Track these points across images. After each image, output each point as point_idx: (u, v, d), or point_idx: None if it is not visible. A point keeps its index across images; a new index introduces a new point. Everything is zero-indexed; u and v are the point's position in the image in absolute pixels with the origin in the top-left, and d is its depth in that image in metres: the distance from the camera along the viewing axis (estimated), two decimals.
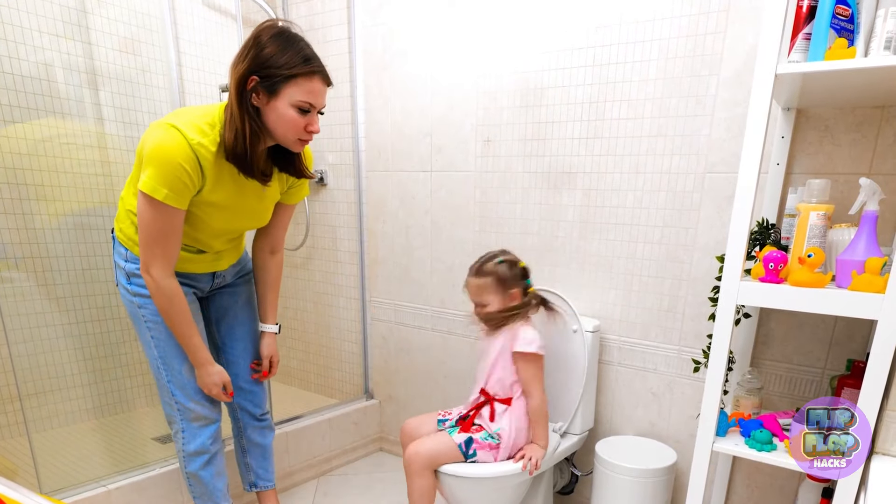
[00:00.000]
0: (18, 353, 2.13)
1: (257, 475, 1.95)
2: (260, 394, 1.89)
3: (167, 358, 1.60)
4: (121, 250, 1.56)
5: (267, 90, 1.33)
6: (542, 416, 1.74)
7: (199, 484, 1.73)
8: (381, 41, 2.34)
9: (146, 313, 1.55)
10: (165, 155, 1.31)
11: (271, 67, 1.31)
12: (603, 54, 1.84)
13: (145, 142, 1.35)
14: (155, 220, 1.37)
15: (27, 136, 2.10)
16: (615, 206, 1.92)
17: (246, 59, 1.31)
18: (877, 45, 1.11)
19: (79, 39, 2.24)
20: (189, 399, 1.63)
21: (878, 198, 1.18)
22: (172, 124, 1.32)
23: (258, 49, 1.31)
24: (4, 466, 2.07)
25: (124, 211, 1.53)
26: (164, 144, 1.30)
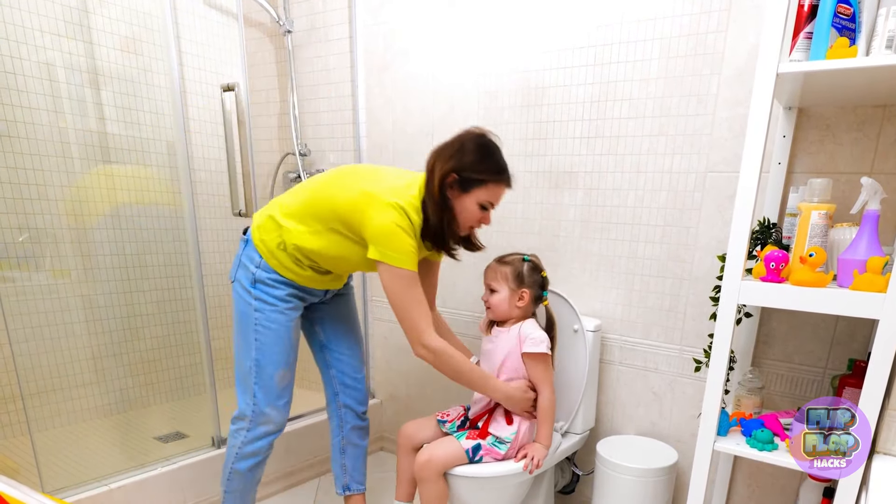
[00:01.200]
0: (20, 353, 2.13)
1: (352, 478, 2.01)
2: (364, 392, 1.97)
3: (263, 362, 1.66)
4: (254, 255, 1.63)
5: (461, 187, 1.55)
6: (549, 414, 1.74)
7: (240, 481, 1.76)
8: (382, 40, 2.34)
9: (260, 318, 1.63)
10: (395, 232, 1.49)
11: (470, 171, 1.54)
12: (604, 53, 1.84)
13: (367, 215, 1.50)
14: (405, 288, 1.53)
15: (30, 137, 2.11)
16: (616, 205, 1.92)
17: (451, 159, 1.53)
18: (878, 44, 1.11)
19: (80, 39, 2.24)
20: (269, 404, 1.69)
21: (879, 197, 1.18)
22: (399, 206, 1.49)
23: (463, 153, 1.53)
24: (7, 465, 2.08)
25: (279, 230, 1.61)
26: (393, 224, 1.48)
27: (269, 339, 1.64)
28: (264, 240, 1.63)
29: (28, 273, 2.20)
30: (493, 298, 1.76)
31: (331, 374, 1.93)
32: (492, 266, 1.79)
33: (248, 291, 1.63)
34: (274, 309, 1.64)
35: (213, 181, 2.69)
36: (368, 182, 1.55)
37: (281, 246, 1.61)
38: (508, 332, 1.75)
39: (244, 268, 1.65)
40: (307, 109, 2.64)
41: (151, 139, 2.42)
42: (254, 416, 1.69)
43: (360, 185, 1.53)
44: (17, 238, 2.15)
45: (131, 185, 2.39)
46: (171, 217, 2.43)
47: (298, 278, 1.66)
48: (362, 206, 1.51)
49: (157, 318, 2.55)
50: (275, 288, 1.64)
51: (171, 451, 2.12)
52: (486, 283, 1.80)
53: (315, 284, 1.72)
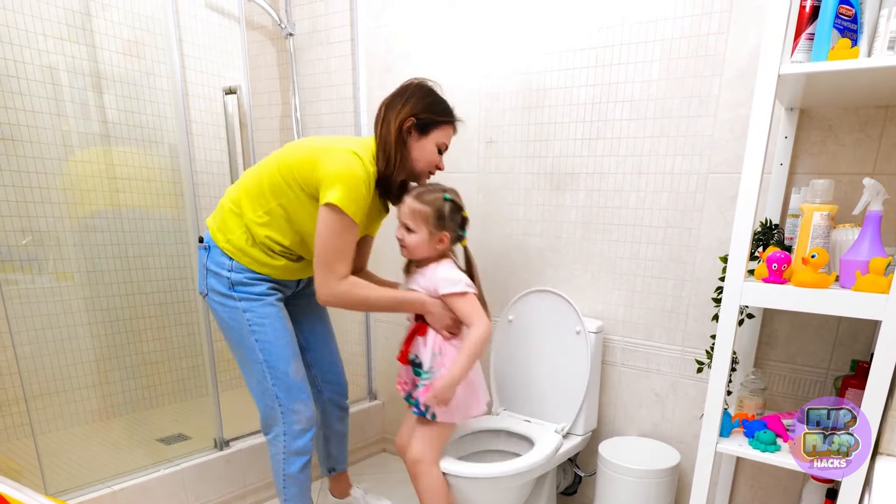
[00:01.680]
0: (24, 355, 2.13)
1: (337, 460, 2.09)
2: (344, 385, 2.03)
3: (273, 361, 1.65)
4: (223, 260, 1.62)
5: (420, 130, 1.59)
6: (473, 346, 1.61)
7: (296, 485, 1.78)
8: (383, 43, 2.35)
9: (252, 317, 1.63)
10: (355, 179, 1.49)
11: (431, 113, 1.60)
12: (606, 55, 1.84)
13: (324, 162, 1.50)
14: (339, 235, 1.52)
15: (33, 140, 2.11)
16: (618, 206, 1.92)
17: (405, 107, 1.57)
18: (880, 44, 1.11)
19: (82, 43, 2.25)
20: (294, 400, 1.69)
21: (882, 198, 1.18)
22: (355, 152, 1.51)
23: (419, 97, 1.59)
24: (10, 468, 2.08)
25: (237, 220, 1.61)
26: (354, 169, 1.49)
27: (270, 335, 1.64)
28: (230, 239, 1.61)
29: (31, 276, 2.20)
30: (410, 239, 1.64)
31: (313, 374, 1.95)
32: (408, 203, 1.63)
33: (228, 297, 1.62)
34: (261, 303, 1.63)
35: (215, 184, 2.69)
36: (319, 142, 1.59)
37: (249, 241, 1.60)
38: (425, 275, 1.68)
39: (215, 275, 1.62)
40: (309, 112, 2.65)
41: (154, 142, 2.43)
42: (284, 417, 1.69)
43: (312, 145, 1.58)
44: (21, 241, 2.15)
45: (134, 188, 2.39)
46: (173, 220, 2.43)
47: (274, 271, 1.65)
48: (316, 158, 1.52)
49: (160, 320, 2.55)
50: (254, 285, 1.63)
51: (173, 452, 2.12)
52: (402, 220, 1.66)
53: (290, 275, 1.72)
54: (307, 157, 1.54)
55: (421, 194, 1.64)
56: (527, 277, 2.15)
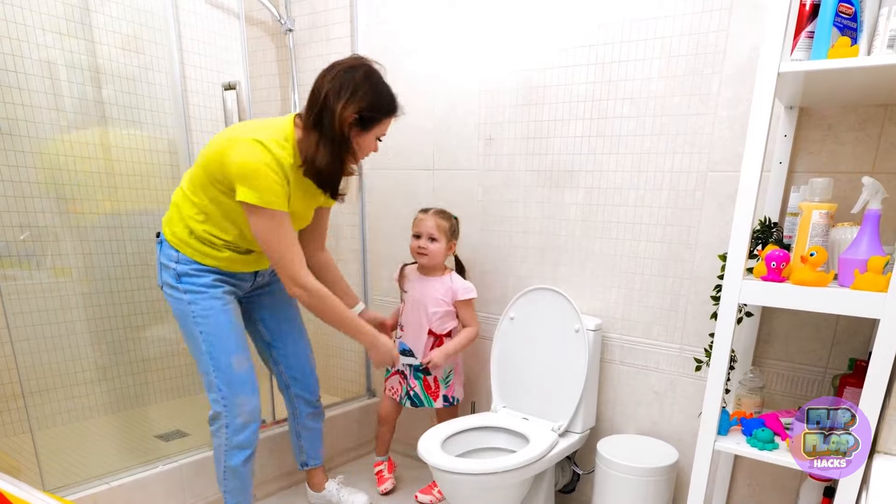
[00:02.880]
0: (22, 351, 2.13)
1: (309, 455, 2.13)
2: (313, 383, 2.04)
3: (214, 353, 1.66)
4: (170, 252, 1.63)
5: (361, 126, 1.54)
6: (464, 342, 2.11)
7: (236, 478, 1.79)
8: (383, 39, 2.34)
9: (196, 309, 1.63)
10: (257, 169, 1.44)
11: (375, 111, 1.55)
12: (605, 52, 1.84)
13: (228, 156, 1.45)
14: (272, 229, 1.50)
15: (31, 135, 2.11)
16: (617, 204, 1.91)
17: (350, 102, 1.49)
18: (880, 43, 1.11)
19: (82, 37, 2.24)
20: (236, 393, 1.70)
21: (880, 196, 1.18)
22: (256, 139, 1.45)
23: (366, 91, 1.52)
24: (8, 464, 2.08)
25: (178, 215, 1.61)
26: (253, 159, 1.43)
27: (212, 327, 1.64)
28: (174, 232, 1.62)
29: (29, 271, 2.20)
30: (434, 247, 2.03)
31: (280, 370, 1.97)
32: (432, 218, 2.03)
33: (175, 288, 1.63)
34: (206, 296, 1.63)
35: None
36: (224, 133, 1.54)
37: (190, 233, 1.60)
38: (439, 281, 2.08)
39: (165, 268, 1.65)
40: None
41: (153, 137, 2.42)
42: (226, 409, 1.70)
43: (221, 136, 1.54)
44: (19, 236, 2.15)
45: (132, 184, 2.39)
46: None
47: (220, 263, 1.65)
48: (221, 152, 1.48)
49: (158, 316, 2.55)
50: (199, 276, 1.63)
51: (171, 449, 2.13)
52: (426, 231, 2.02)
53: (240, 267, 1.71)
54: (216, 151, 1.50)
55: (440, 213, 2.06)
56: (526, 275, 2.15)
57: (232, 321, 1.68)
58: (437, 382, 2.15)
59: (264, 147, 1.45)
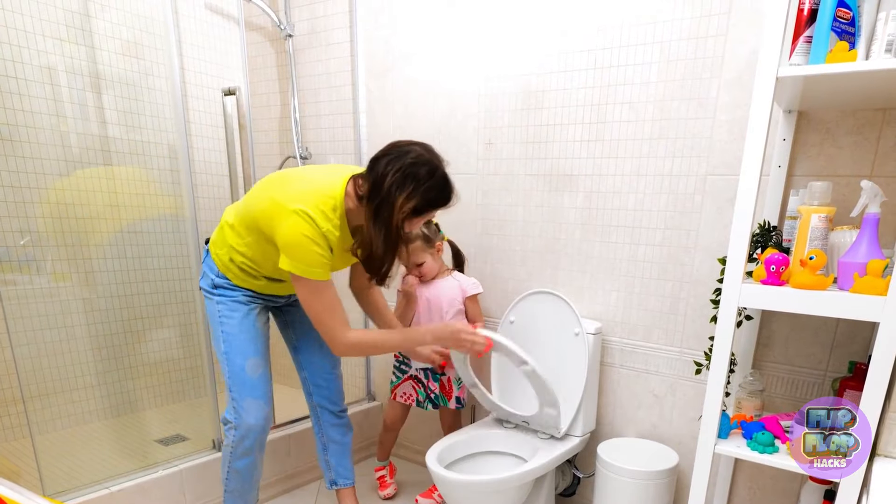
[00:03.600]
0: (21, 355, 2.12)
1: (338, 473, 2.05)
2: (336, 392, 2.00)
3: (231, 354, 1.69)
4: (213, 265, 1.70)
5: (414, 215, 1.53)
6: None
7: (239, 480, 1.79)
8: (382, 45, 2.35)
9: (223, 309, 1.69)
10: (302, 243, 1.47)
11: (431, 206, 1.54)
12: (604, 57, 1.84)
13: (274, 223, 1.49)
14: (317, 298, 1.55)
15: (31, 140, 2.11)
16: (616, 208, 1.92)
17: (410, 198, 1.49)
18: (878, 47, 1.11)
19: (82, 43, 2.25)
20: (244, 396, 1.71)
21: (879, 200, 1.18)
22: (304, 212, 1.46)
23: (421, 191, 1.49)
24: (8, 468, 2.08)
25: (223, 240, 1.67)
26: (298, 233, 1.46)
27: (234, 328, 1.68)
28: (218, 254, 1.69)
29: (29, 276, 2.20)
30: (425, 269, 2.05)
31: (304, 376, 1.97)
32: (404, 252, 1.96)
33: (210, 293, 1.70)
34: (234, 301, 1.69)
35: (214, 184, 2.69)
36: (278, 189, 1.53)
37: (231, 260, 1.66)
38: (446, 281, 2.11)
39: (206, 276, 1.72)
40: (308, 113, 2.65)
41: (153, 143, 2.43)
42: (235, 412, 1.71)
43: (270, 194, 1.53)
44: (19, 241, 2.15)
45: (132, 189, 2.39)
46: (172, 220, 2.43)
47: (256, 287, 1.71)
48: (270, 215, 1.51)
49: (158, 321, 2.55)
50: (233, 291, 1.70)
51: (171, 453, 2.12)
52: (412, 263, 2.04)
53: (273, 291, 1.76)
54: (266, 211, 1.52)
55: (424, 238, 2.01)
56: (525, 279, 2.16)
57: (254, 326, 1.72)
58: (451, 384, 2.17)
59: (310, 220, 1.47)
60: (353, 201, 1.55)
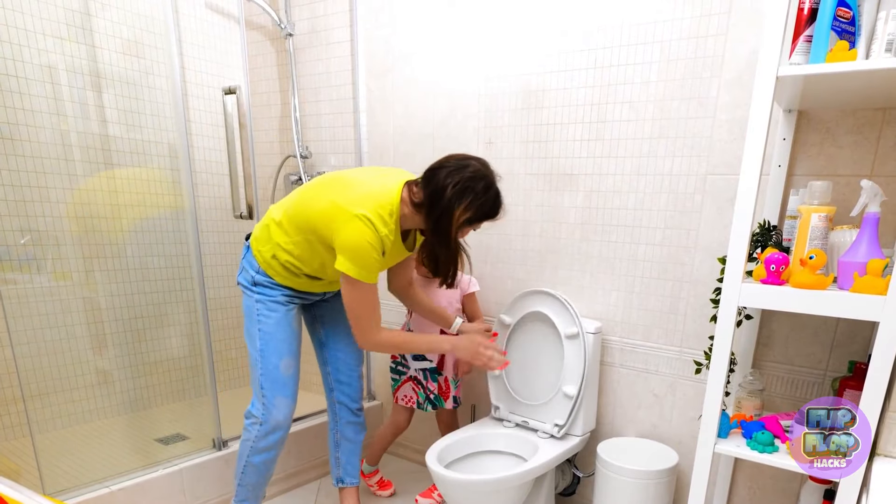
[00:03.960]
0: (22, 354, 2.13)
1: (346, 471, 2.09)
2: (357, 389, 2.04)
3: (266, 351, 1.73)
4: (253, 262, 1.73)
5: (467, 224, 1.60)
6: None
7: (255, 475, 1.83)
8: (383, 44, 2.35)
9: (262, 308, 1.73)
10: (363, 248, 1.52)
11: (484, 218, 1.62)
12: (604, 56, 1.84)
13: (335, 226, 1.54)
14: (363, 299, 1.62)
15: (32, 139, 2.11)
16: (617, 207, 1.92)
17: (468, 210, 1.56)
18: (878, 47, 1.11)
19: (82, 42, 2.25)
20: (276, 394, 1.75)
21: (879, 200, 1.18)
22: (365, 216, 1.52)
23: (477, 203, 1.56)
24: (8, 467, 2.08)
25: (268, 238, 1.70)
26: (364, 240, 1.52)
27: (271, 327, 1.72)
28: (260, 251, 1.71)
29: (30, 275, 2.20)
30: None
31: (327, 371, 2.00)
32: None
33: (250, 290, 1.73)
34: (273, 301, 1.72)
35: (214, 183, 2.70)
36: (338, 192, 1.58)
37: (274, 257, 1.69)
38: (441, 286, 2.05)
39: (245, 271, 1.75)
40: (308, 112, 2.65)
41: (153, 142, 2.43)
42: (264, 408, 1.75)
43: (330, 196, 1.57)
44: (20, 240, 2.15)
45: (133, 188, 2.39)
46: (172, 219, 2.43)
47: (295, 284, 1.74)
48: (330, 217, 1.55)
49: (159, 320, 2.55)
50: (273, 289, 1.73)
51: (172, 452, 2.12)
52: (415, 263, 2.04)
53: (312, 289, 1.79)
54: (325, 213, 1.56)
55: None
56: (525, 278, 2.16)
57: (291, 327, 1.76)
58: (448, 383, 2.17)
59: (372, 226, 1.52)
60: (407, 207, 1.60)
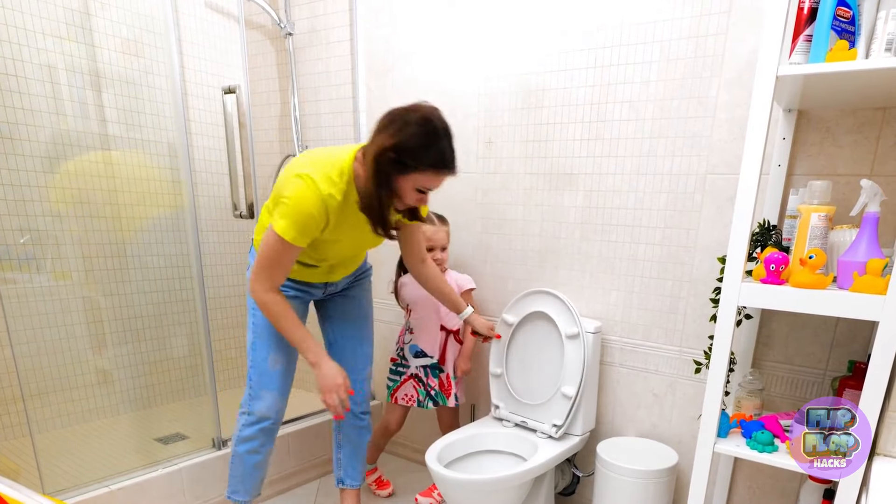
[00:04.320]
0: (21, 354, 2.13)
1: (347, 473, 2.05)
2: (363, 393, 1.99)
3: (257, 344, 1.74)
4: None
5: (397, 169, 1.46)
6: None
7: (240, 466, 1.82)
8: (382, 44, 2.35)
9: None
10: (299, 206, 1.46)
11: (409, 155, 1.44)
12: (604, 56, 1.84)
13: (284, 186, 1.50)
14: (275, 253, 1.53)
15: (31, 139, 2.11)
16: (617, 207, 1.92)
17: (391, 136, 1.43)
18: (878, 46, 1.11)
19: (82, 41, 2.25)
20: (261, 387, 1.75)
21: (879, 199, 1.18)
22: (308, 175, 1.47)
23: (404, 133, 1.43)
24: (8, 467, 2.08)
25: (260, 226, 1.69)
26: (300, 196, 1.46)
27: (262, 321, 1.70)
28: (256, 240, 1.72)
29: (29, 275, 2.20)
30: (446, 255, 2.13)
31: None
32: (441, 229, 2.11)
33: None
34: None
35: (214, 183, 2.70)
36: (295, 160, 1.58)
37: None
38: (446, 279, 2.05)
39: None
40: (308, 111, 2.65)
41: (153, 141, 2.43)
42: (250, 399, 1.76)
43: (288, 166, 1.57)
44: (19, 240, 2.15)
45: (132, 187, 2.39)
46: (172, 219, 2.43)
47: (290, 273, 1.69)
48: (282, 183, 1.52)
49: (158, 319, 2.55)
50: None
51: (171, 452, 2.12)
52: (440, 243, 2.09)
53: (306, 277, 1.76)
54: (280, 180, 1.55)
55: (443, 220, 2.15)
56: (525, 278, 2.16)
57: None
58: (450, 380, 2.18)
59: (312, 183, 1.47)
60: (360, 165, 1.53)
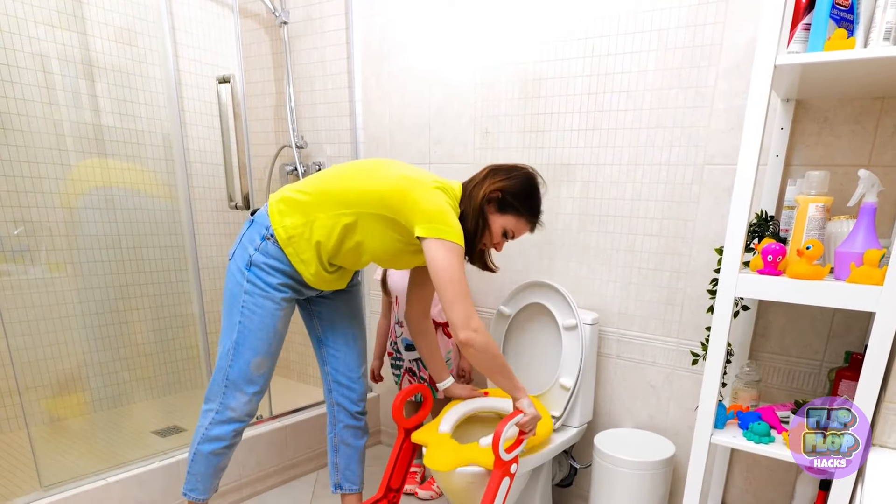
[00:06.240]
0: (17, 347, 2.12)
1: (344, 476, 1.97)
2: (359, 392, 1.93)
3: (242, 346, 1.63)
4: (256, 238, 1.61)
5: (497, 207, 1.61)
6: None
7: (203, 464, 1.73)
8: (378, 32, 2.33)
9: (248, 300, 1.62)
10: (448, 212, 1.52)
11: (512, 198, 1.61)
12: (601, 45, 1.83)
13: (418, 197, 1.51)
14: (459, 265, 1.51)
15: (24, 129, 2.09)
16: (614, 197, 1.91)
17: (500, 181, 1.60)
18: (876, 35, 1.10)
19: (74, 30, 2.22)
20: (238, 389, 1.67)
21: (876, 189, 1.18)
22: (444, 187, 1.56)
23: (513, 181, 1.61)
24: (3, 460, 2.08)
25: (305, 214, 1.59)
26: (446, 204, 1.53)
27: (253, 324, 1.62)
28: (286, 226, 1.59)
29: (23, 266, 2.19)
30: None
31: (326, 371, 1.91)
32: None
33: (241, 272, 1.61)
34: (263, 295, 1.61)
35: (208, 173, 2.68)
36: (404, 168, 1.59)
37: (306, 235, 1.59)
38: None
39: (243, 248, 1.62)
40: (303, 101, 2.63)
41: (147, 131, 2.41)
42: (223, 398, 1.67)
43: (398, 170, 1.56)
44: (13, 231, 2.14)
45: (127, 178, 2.38)
46: (166, 210, 2.42)
47: (303, 272, 1.63)
48: (405, 188, 1.52)
49: (154, 311, 2.54)
50: (269, 274, 1.60)
51: (168, 444, 2.13)
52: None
53: (316, 283, 1.68)
54: (397, 184, 1.53)
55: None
56: (522, 269, 2.15)
57: (275, 327, 1.66)
58: None
59: (450, 195, 1.57)
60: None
